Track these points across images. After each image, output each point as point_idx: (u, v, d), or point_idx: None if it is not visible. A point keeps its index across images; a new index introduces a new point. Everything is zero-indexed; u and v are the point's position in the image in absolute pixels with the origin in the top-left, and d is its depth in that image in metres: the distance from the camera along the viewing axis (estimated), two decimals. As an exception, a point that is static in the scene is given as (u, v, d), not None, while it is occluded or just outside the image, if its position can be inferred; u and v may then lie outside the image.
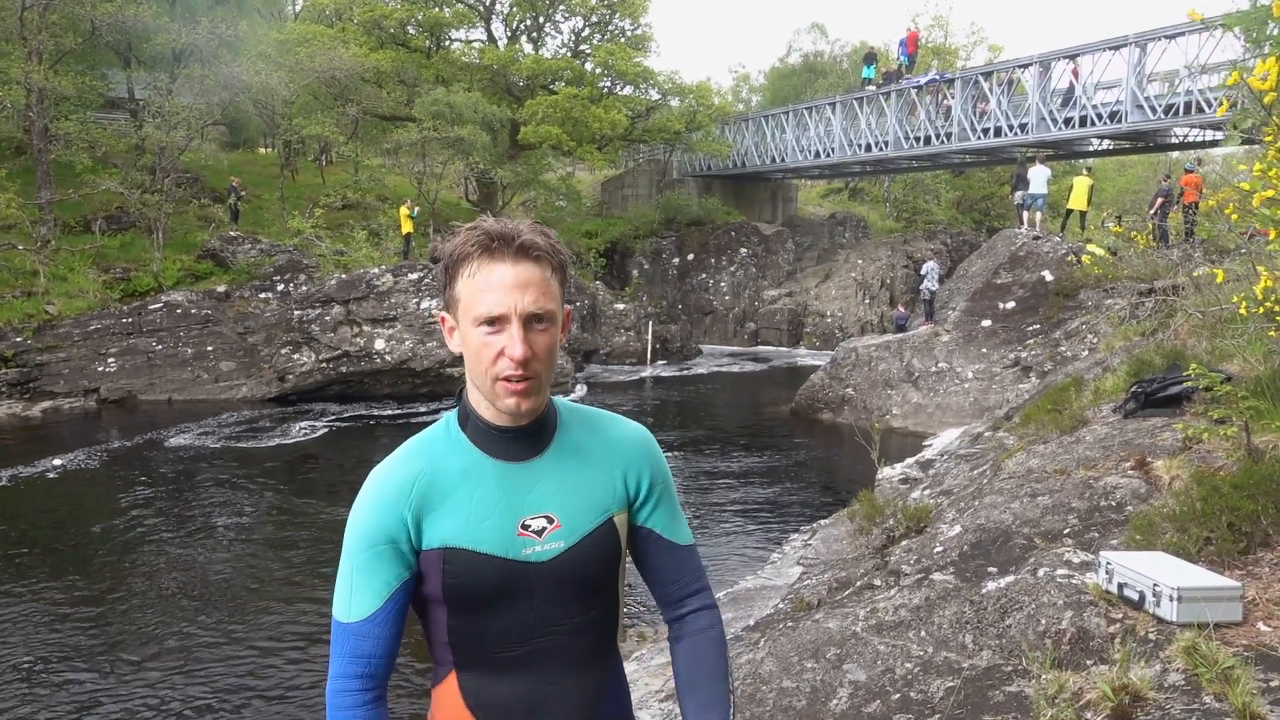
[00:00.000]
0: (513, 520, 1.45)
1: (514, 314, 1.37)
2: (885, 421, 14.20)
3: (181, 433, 14.89)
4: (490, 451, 1.47)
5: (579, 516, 1.48)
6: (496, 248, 1.38)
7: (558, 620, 1.48)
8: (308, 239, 21.12)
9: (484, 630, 1.46)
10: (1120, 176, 38.74)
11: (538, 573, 1.45)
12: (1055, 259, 16.62)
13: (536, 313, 1.39)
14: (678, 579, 1.60)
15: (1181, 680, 2.82)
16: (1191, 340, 7.43)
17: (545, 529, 1.46)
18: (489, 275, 1.38)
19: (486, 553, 1.43)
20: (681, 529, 1.61)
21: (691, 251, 30.29)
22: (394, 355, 18.15)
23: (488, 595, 1.44)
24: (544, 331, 1.41)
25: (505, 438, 1.47)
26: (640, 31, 31.74)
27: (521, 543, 1.45)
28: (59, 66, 20.49)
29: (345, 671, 1.44)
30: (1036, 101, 20.74)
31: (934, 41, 38.35)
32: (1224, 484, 3.87)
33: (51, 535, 9.81)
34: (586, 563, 1.48)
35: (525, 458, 1.48)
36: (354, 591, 1.44)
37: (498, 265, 1.38)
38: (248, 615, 7.64)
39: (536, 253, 1.39)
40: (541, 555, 1.45)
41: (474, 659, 1.48)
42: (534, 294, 1.39)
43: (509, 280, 1.38)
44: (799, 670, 3.59)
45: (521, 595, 1.45)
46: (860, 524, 7.20)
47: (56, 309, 17.70)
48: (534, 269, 1.39)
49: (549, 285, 1.41)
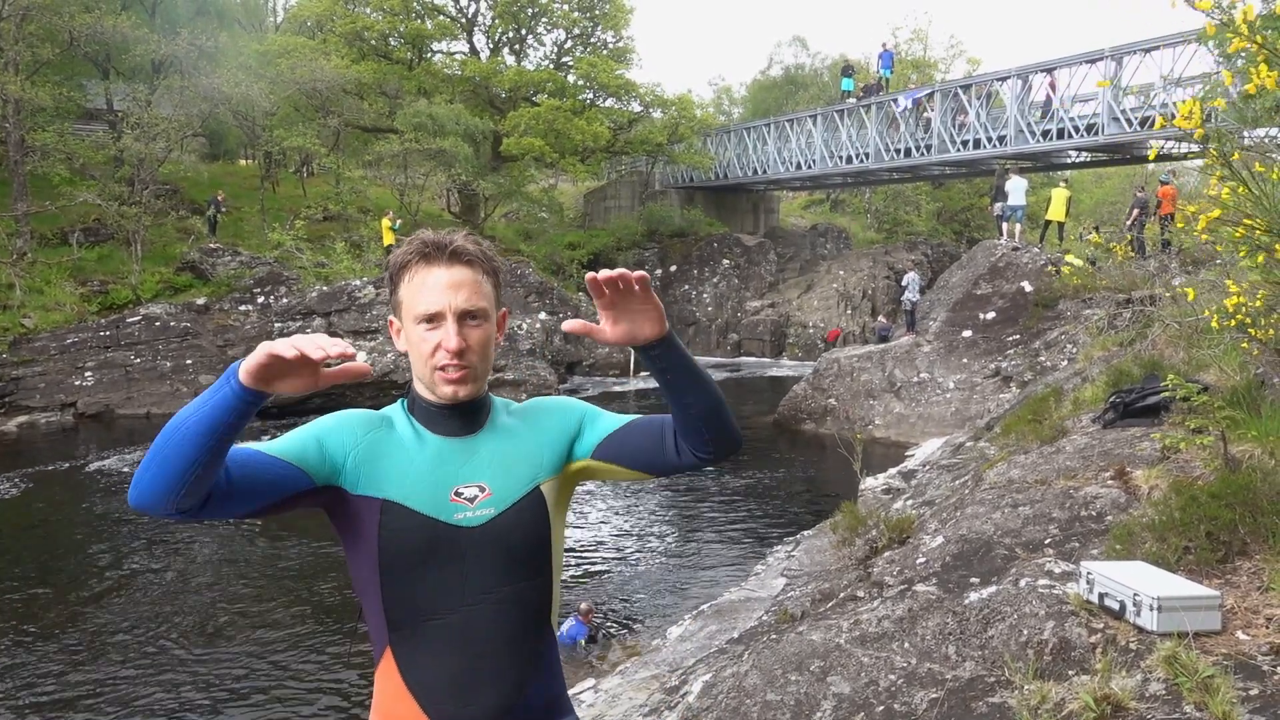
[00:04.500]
0: (447, 486, 1.58)
1: (449, 310, 1.54)
2: (868, 432, 14.25)
3: (160, 447, 14.73)
4: (432, 428, 1.62)
5: (509, 486, 1.62)
6: (432, 254, 1.56)
7: (487, 588, 1.58)
8: (288, 251, 21.00)
9: (415, 594, 1.56)
10: (1098, 188, 39.17)
11: (469, 537, 1.57)
12: (1034, 270, 16.77)
13: (469, 309, 1.55)
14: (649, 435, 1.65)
15: (1162, 690, 2.83)
16: (1169, 351, 7.50)
17: (477, 496, 1.59)
18: (426, 278, 1.55)
19: (420, 511, 1.55)
20: (621, 417, 1.72)
21: (674, 263, 30.35)
22: (376, 367, 18.07)
23: (419, 553, 1.55)
24: (477, 327, 1.57)
25: (444, 414, 1.61)
26: (622, 44, 31.88)
27: (454, 507, 1.57)
28: (36, 77, 20.33)
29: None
30: (1015, 114, 20.97)
31: (913, 55, 38.69)
32: (1202, 493, 3.90)
33: (24, 553, 9.66)
34: (514, 529, 1.60)
35: (463, 434, 1.62)
36: (285, 436, 1.57)
37: (434, 269, 1.55)
38: (224, 634, 7.55)
39: (468, 257, 1.56)
40: (472, 520, 1.58)
41: (405, 626, 1.57)
42: (466, 293, 1.55)
43: (444, 281, 1.54)
44: (783, 683, 3.58)
45: (451, 559, 1.56)
46: (843, 535, 7.21)
47: (33, 322, 17.49)
48: (466, 271, 1.56)
49: (481, 286, 1.58)
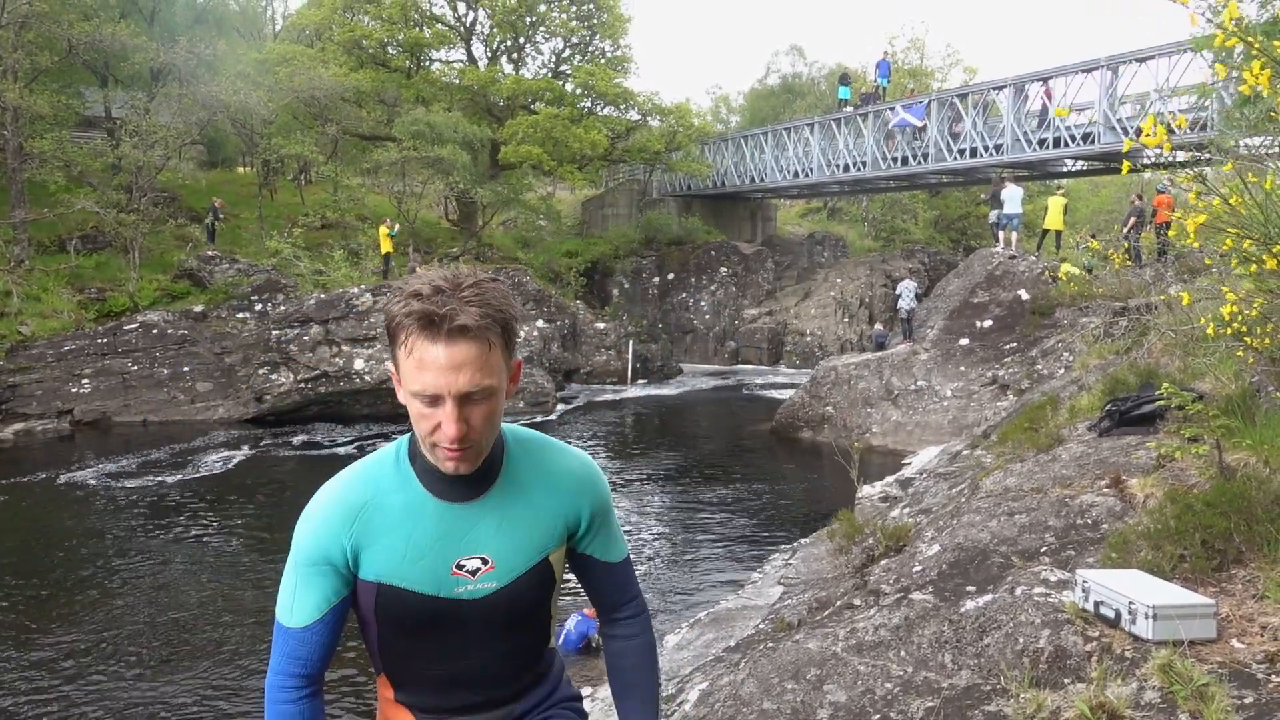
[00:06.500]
0: (448, 560, 1.51)
1: (448, 395, 1.38)
2: (865, 440, 14.25)
3: (156, 455, 14.71)
4: (434, 490, 1.52)
5: (514, 558, 1.55)
6: (432, 329, 1.36)
7: (484, 645, 1.58)
8: (286, 258, 21.01)
9: (414, 650, 1.58)
10: (1094, 196, 39.27)
11: (469, 608, 1.54)
12: (1031, 278, 16.81)
13: (471, 391, 1.39)
14: (611, 592, 1.73)
15: (1157, 698, 2.84)
16: (1165, 359, 7.52)
17: (479, 569, 1.53)
18: (424, 354, 1.37)
19: (418, 591, 1.51)
20: (617, 547, 1.71)
21: (672, 271, 30.38)
22: (373, 375, 18.05)
23: (418, 626, 1.54)
24: (481, 403, 1.41)
25: (449, 480, 1.51)
26: (620, 53, 31.97)
27: (455, 581, 1.52)
28: (34, 85, 20.34)
29: (283, 670, 1.55)
30: (1011, 123, 21.04)
31: (910, 63, 38.83)
32: (1197, 502, 3.91)
33: (19, 560, 9.64)
34: (518, 600, 1.57)
35: (467, 498, 1.53)
36: (295, 601, 1.53)
37: (431, 346, 1.37)
38: (221, 644, 7.53)
39: (471, 331, 1.37)
40: (474, 594, 1.53)
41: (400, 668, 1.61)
42: (469, 374, 1.38)
43: (443, 361, 1.36)
44: (779, 692, 3.58)
45: (453, 627, 1.55)
46: (840, 543, 7.21)
47: (30, 330, 17.48)
48: (469, 347, 1.37)
49: (486, 360, 1.39)
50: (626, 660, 1.72)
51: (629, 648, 1.72)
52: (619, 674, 1.72)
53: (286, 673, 1.54)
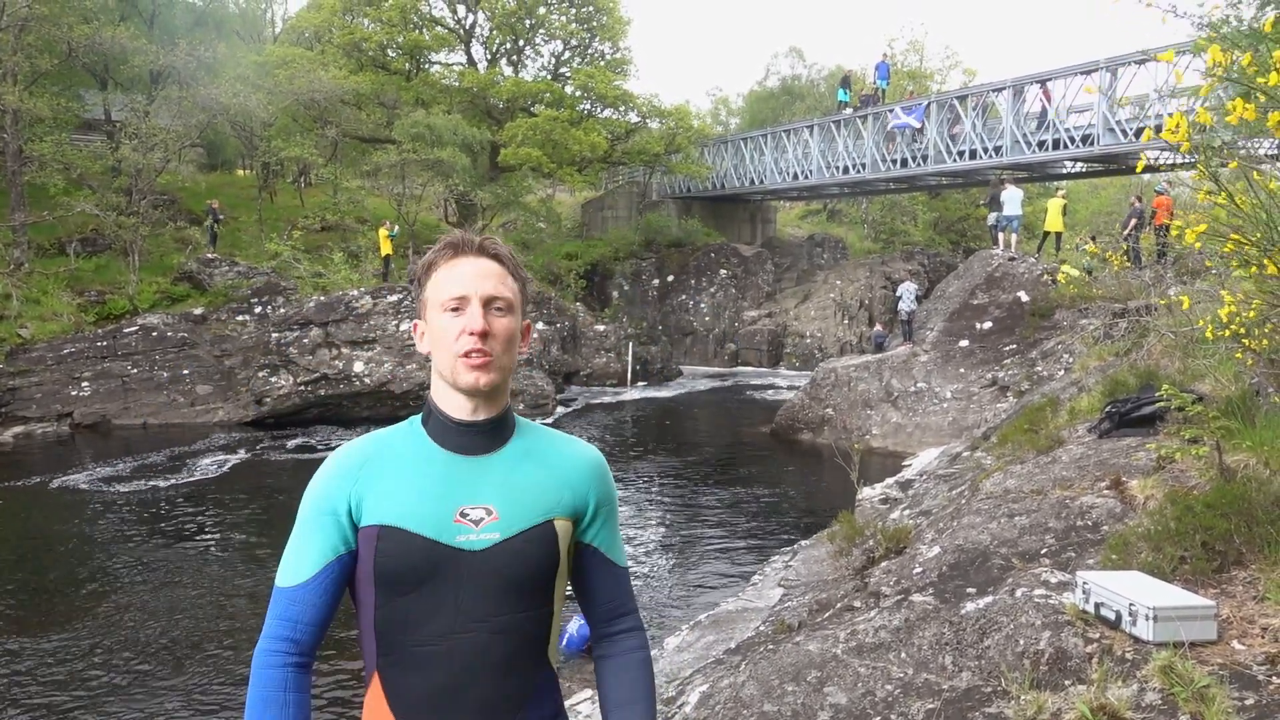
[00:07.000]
0: (451, 506, 1.51)
1: (474, 295, 1.53)
2: (865, 441, 14.25)
3: (155, 458, 14.71)
4: (444, 444, 1.56)
5: (519, 513, 1.54)
6: (461, 246, 1.58)
7: (481, 616, 1.51)
8: (286, 261, 21.02)
9: (407, 617, 1.50)
10: (1094, 198, 39.28)
11: (468, 561, 1.50)
12: (1031, 279, 16.81)
13: (495, 296, 1.55)
14: (611, 599, 1.69)
15: (1158, 700, 2.84)
16: (1164, 360, 7.52)
17: (483, 519, 1.52)
18: (453, 268, 1.56)
19: (419, 533, 1.49)
20: (620, 551, 1.71)
21: (671, 273, 30.39)
22: (373, 378, 18.05)
23: (415, 576, 1.49)
24: (502, 316, 1.55)
25: (461, 431, 1.56)
26: (619, 55, 32.01)
27: (456, 529, 1.50)
28: (34, 88, 20.36)
29: (274, 633, 1.53)
30: (1010, 125, 21.05)
31: (909, 65, 38.86)
32: (1197, 503, 3.91)
33: (17, 564, 9.63)
34: (518, 560, 1.52)
35: (477, 452, 1.56)
36: (294, 557, 1.55)
37: (461, 260, 1.57)
38: (218, 648, 7.53)
39: (495, 251, 1.58)
40: (475, 544, 1.51)
41: (395, 650, 1.52)
42: (493, 281, 1.55)
43: (470, 271, 1.55)
44: (780, 694, 3.58)
45: (448, 582, 1.49)
46: (840, 545, 7.21)
47: (30, 332, 17.48)
48: (493, 264, 1.57)
49: (507, 279, 1.58)
50: (628, 674, 1.66)
51: (630, 662, 1.67)
52: (618, 688, 1.65)
53: (275, 635, 1.53)
